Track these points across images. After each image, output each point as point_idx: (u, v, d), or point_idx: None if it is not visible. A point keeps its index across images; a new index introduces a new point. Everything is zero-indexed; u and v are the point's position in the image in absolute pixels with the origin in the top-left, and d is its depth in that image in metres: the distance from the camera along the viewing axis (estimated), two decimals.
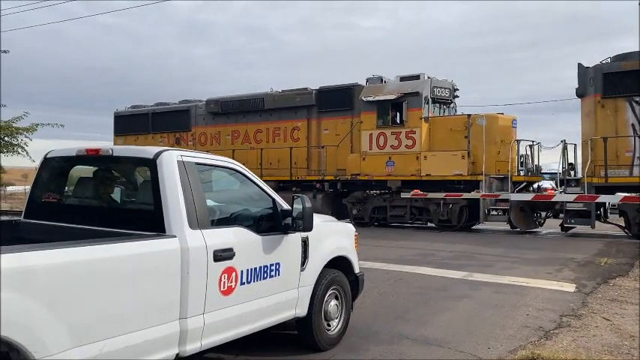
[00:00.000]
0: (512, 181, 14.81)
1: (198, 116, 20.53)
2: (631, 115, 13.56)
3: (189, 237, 3.38)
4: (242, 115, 19.40)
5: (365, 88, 16.87)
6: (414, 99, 15.79)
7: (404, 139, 16.00)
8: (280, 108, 18.46)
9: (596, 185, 13.75)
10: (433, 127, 15.98)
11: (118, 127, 22.60)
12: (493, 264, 9.49)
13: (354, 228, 5.49)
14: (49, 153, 4.38)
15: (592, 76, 14.12)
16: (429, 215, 15.99)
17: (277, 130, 18.67)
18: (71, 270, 2.76)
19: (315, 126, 18.06)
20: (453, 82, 16.93)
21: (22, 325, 2.50)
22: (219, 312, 3.57)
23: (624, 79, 13.63)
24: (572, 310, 6.22)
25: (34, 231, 4.08)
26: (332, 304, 4.79)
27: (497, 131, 15.27)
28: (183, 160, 3.63)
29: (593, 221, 13.58)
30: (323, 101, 17.67)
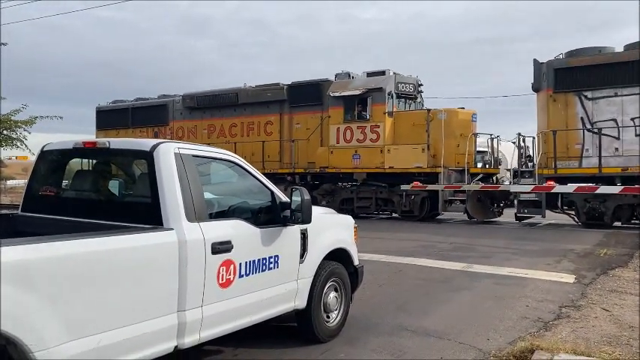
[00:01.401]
0: (470, 173, 15.37)
1: (176, 111, 21.03)
2: (580, 109, 14.10)
3: (186, 230, 3.37)
4: (217, 109, 19.89)
5: (333, 83, 17.35)
6: (378, 94, 16.31)
7: (369, 133, 16.58)
8: (254, 103, 18.97)
9: (546, 176, 14.25)
10: (397, 121, 16.54)
11: (100, 122, 23.22)
12: (493, 255, 9.50)
13: (353, 220, 5.48)
14: (45, 146, 4.36)
15: (545, 72, 14.59)
16: (393, 206, 16.62)
17: (251, 124, 19.19)
18: (68, 263, 2.75)
19: (287, 120, 18.57)
20: (417, 78, 17.50)
21: (19, 318, 2.48)
22: (217, 304, 3.56)
23: (574, 74, 14.18)
24: (571, 301, 6.23)
25: (32, 224, 4.07)
26: (331, 296, 4.78)
27: (456, 125, 15.80)
28: (181, 153, 3.61)
29: (543, 211, 14.18)
30: (294, 96, 18.16)
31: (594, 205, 13.66)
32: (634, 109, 13.46)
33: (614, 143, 13.75)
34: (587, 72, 14.01)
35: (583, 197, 13.81)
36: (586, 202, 13.81)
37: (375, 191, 16.75)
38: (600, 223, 13.59)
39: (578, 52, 14.51)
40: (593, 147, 13.79)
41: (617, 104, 13.71)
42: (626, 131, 13.57)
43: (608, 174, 13.63)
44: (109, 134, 20.87)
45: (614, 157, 13.68)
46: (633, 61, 13.40)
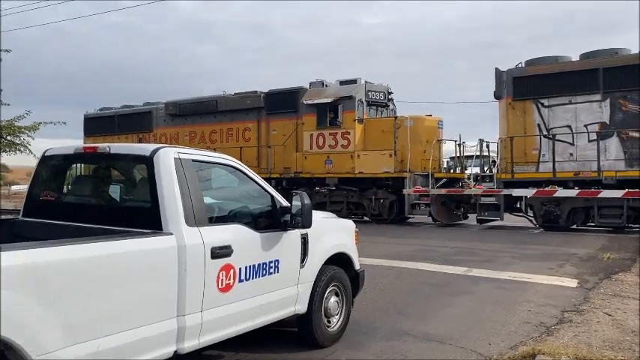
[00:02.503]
0: (434, 177, 16.01)
1: (159, 118, 21.69)
2: (537, 115, 14.70)
3: (186, 234, 3.37)
4: (199, 116, 20.51)
5: (307, 91, 17.95)
6: (349, 102, 16.90)
7: (340, 140, 17.22)
8: (233, 110, 19.61)
9: (504, 181, 14.91)
10: (368, 127, 17.10)
11: (88, 129, 23.83)
12: (494, 259, 9.47)
13: (354, 224, 5.47)
14: (47, 151, 4.37)
15: (505, 80, 15.17)
16: (364, 210, 17.12)
17: (230, 130, 19.82)
18: (68, 268, 2.75)
19: (265, 127, 19.16)
20: (387, 86, 18.08)
21: (18, 323, 2.49)
22: (217, 309, 3.56)
23: (531, 82, 14.79)
24: (573, 305, 6.20)
25: (32, 229, 4.08)
26: (332, 300, 4.77)
27: (423, 132, 16.44)
28: (180, 157, 3.61)
29: (501, 214, 14.88)
30: (271, 104, 18.77)
31: (550, 208, 14.17)
32: (587, 115, 14.02)
33: (569, 149, 14.30)
34: (544, 80, 14.58)
35: (540, 201, 14.31)
36: (542, 205, 14.31)
37: (346, 195, 17.24)
38: (556, 225, 14.08)
39: (536, 61, 15.02)
40: (550, 152, 14.32)
41: (572, 111, 14.27)
42: (579, 137, 14.11)
43: (562, 178, 14.15)
44: (96, 140, 21.28)
45: (568, 162, 14.24)
46: (586, 70, 14.01)
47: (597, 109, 13.96)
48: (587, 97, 14.03)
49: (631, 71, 13.43)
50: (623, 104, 13.65)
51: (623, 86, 13.61)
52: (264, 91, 19.11)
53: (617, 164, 13.64)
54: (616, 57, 13.93)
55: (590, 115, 13.99)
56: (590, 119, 13.98)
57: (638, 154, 13.38)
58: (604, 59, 13.93)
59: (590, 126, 13.98)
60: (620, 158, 13.64)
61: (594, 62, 14.03)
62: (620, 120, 13.69)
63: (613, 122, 13.77)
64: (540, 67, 14.74)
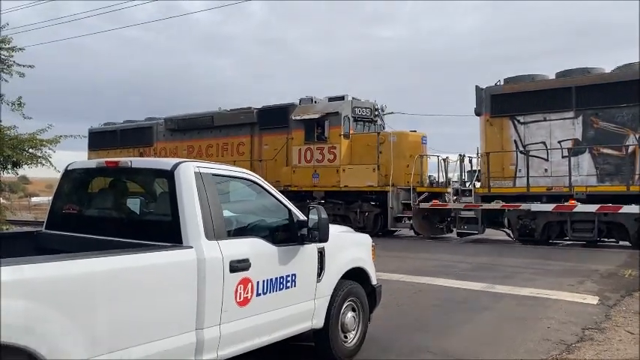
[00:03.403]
0: (417, 191, 16.44)
1: (159, 132, 22.40)
2: (514, 132, 15.18)
3: (205, 248, 3.40)
4: (196, 131, 21.24)
5: (297, 107, 18.47)
6: (335, 118, 17.41)
7: (326, 154, 17.72)
8: (228, 125, 20.25)
9: (482, 195, 15.42)
10: (354, 142, 17.59)
11: (92, 143, 24.28)
12: (514, 275, 9.35)
13: (371, 239, 5.46)
14: (69, 165, 4.47)
15: (484, 97, 15.63)
16: (350, 222, 17.14)
17: (225, 145, 20.50)
18: (90, 281, 2.80)
19: (257, 141, 19.79)
20: (374, 102, 18.54)
21: (42, 335, 2.53)
22: (235, 323, 3.57)
23: (508, 100, 15.25)
24: (595, 323, 6.09)
25: (55, 241, 4.15)
26: (349, 315, 4.75)
27: (406, 147, 16.90)
28: (200, 172, 3.66)
29: (479, 227, 15.32)
30: (263, 119, 19.39)
31: (525, 222, 14.52)
32: (561, 132, 14.47)
33: (544, 164, 14.73)
34: (520, 98, 15.04)
35: (516, 214, 14.71)
36: (519, 219, 14.68)
37: (332, 208, 17.37)
38: (532, 239, 14.46)
39: (514, 80, 15.47)
40: (525, 168, 14.71)
41: (546, 128, 14.71)
42: (554, 153, 14.55)
43: (535, 193, 14.56)
44: (99, 154, 21.88)
45: (543, 177, 14.68)
46: (560, 88, 14.48)
47: (570, 126, 14.38)
48: (561, 114, 14.49)
49: (602, 89, 13.90)
50: (594, 121, 14.10)
51: (595, 104, 14.03)
52: (257, 107, 19.75)
53: (589, 179, 14.05)
54: (588, 75, 14.37)
55: (564, 132, 14.44)
56: (564, 136, 14.43)
57: (609, 169, 13.81)
58: (577, 78, 14.38)
59: (563, 142, 14.43)
60: (592, 174, 14.06)
61: (568, 81, 14.47)
62: (592, 137, 14.12)
63: (585, 139, 14.19)
64: (517, 86, 15.24)
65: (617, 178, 13.69)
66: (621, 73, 13.99)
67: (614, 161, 13.82)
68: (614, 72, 14.25)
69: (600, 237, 13.78)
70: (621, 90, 13.64)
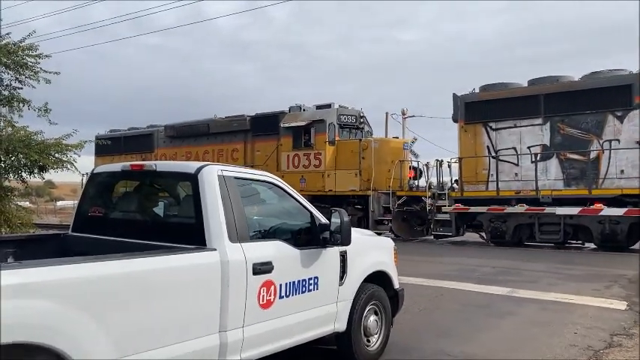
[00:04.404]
0: (397, 195, 17.17)
1: (160, 139, 23.28)
2: (486, 138, 15.84)
3: (229, 250, 3.42)
4: (193, 138, 22.02)
5: (286, 115, 19.25)
6: (321, 125, 18.20)
7: (313, 160, 18.44)
8: (222, 132, 21.03)
9: (455, 199, 16.00)
10: (339, 149, 18.26)
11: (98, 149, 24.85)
12: (537, 280, 9.20)
13: (394, 242, 5.43)
14: (95, 169, 4.54)
15: (459, 105, 16.30)
16: None
17: (221, 151, 21.20)
18: (116, 282, 2.83)
19: (250, 148, 20.47)
20: (360, 110, 19.13)
21: (69, 335, 2.57)
22: (258, 325, 3.58)
23: (481, 107, 15.89)
24: (623, 328, 5.95)
25: (81, 244, 4.22)
26: (371, 319, 4.73)
27: (388, 153, 17.59)
28: (224, 175, 3.69)
29: (453, 230, 15.94)
30: (256, 126, 20.11)
31: (497, 225, 15.20)
32: (530, 138, 15.09)
33: (514, 169, 15.34)
34: (492, 105, 15.64)
35: (488, 217, 15.36)
36: (490, 222, 15.36)
37: None
38: (503, 241, 15.10)
39: (488, 87, 16.09)
40: (497, 172, 15.41)
41: (517, 134, 15.35)
42: (523, 158, 15.13)
43: (504, 197, 15.16)
44: (105, 160, 22.19)
45: (514, 182, 15.26)
46: (529, 96, 15.10)
47: (539, 132, 14.99)
48: (530, 120, 15.10)
49: (569, 97, 14.49)
50: (561, 127, 14.72)
51: (562, 111, 14.63)
52: (250, 115, 20.52)
53: (556, 184, 14.66)
54: (556, 84, 14.92)
55: (533, 138, 15.05)
56: (533, 141, 15.03)
57: (574, 174, 14.44)
58: (545, 86, 14.98)
59: (532, 148, 15.03)
60: (560, 178, 14.67)
61: (537, 89, 15.07)
62: (559, 142, 14.71)
63: (553, 144, 14.77)
64: (490, 93, 15.86)
65: (583, 182, 14.25)
66: (587, 82, 14.55)
67: (579, 166, 14.42)
68: (580, 80, 14.78)
69: (567, 239, 14.40)
70: (586, 98, 14.24)
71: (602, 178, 14.08)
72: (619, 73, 14.32)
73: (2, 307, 2.30)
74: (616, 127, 13.97)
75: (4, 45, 10.23)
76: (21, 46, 10.38)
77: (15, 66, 10.27)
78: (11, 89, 10.52)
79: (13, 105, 10.44)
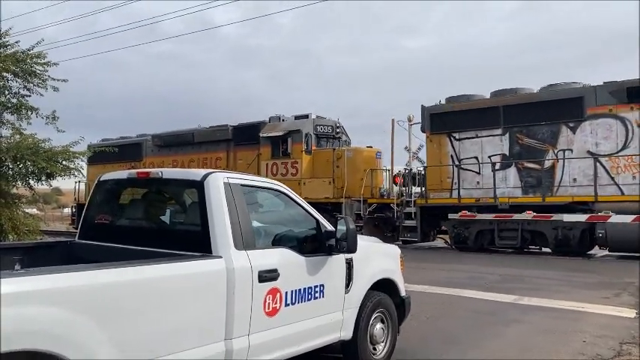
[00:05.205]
0: (368, 202, 17.81)
1: (148, 148, 23.94)
2: (450, 148, 16.61)
3: (234, 258, 3.42)
4: (179, 147, 22.75)
5: (266, 125, 19.91)
6: (297, 135, 18.88)
7: (290, 168, 19.07)
8: (207, 141, 21.70)
9: (421, 206, 16.71)
10: (315, 158, 18.95)
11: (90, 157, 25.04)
12: (545, 287, 9.13)
13: (400, 250, 5.41)
14: (101, 176, 4.56)
15: (426, 115, 17.11)
16: None
17: (205, 159, 21.74)
18: (122, 290, 2.83)
19: (233, 157, 21.12)
20: (336, 121, 19.91)
21: (74, 342, 2.57)
22: (264, 333, 3.57)
23: (445, 118, 16.68)
24: (632, 337, 5.89)
25: (88, 251, 4.23)
26: (377, 327, 4.71)
27: (361, 161, 18.23)
28: (230, 182, 3.69)
29: (418, 235, 16.64)
30: (238, 136, 20.82)
31: (460, 231, 15.87)
32: (491, 148, 15.85)
33: (476, 177, 16.09)
34: (456, 116, 16.44)
35: (452, 224, 16.02)
36: (454, 228, 16.00)
37: None
38: (466, 246, 15.74)
39: (453, 99, 16.82)
40: (460, 180, 16.14)
41: (478, 144, 16.09)
42: (484, 167, 15.85)
43: (465, 204, 15.86)
44: (97, 169, 22.36)
45: (475, 189, 16.00)
46: (490, 108, 15.82)
47: (499, 142, 15.76)
48: (491, 131, 15.85)
49: (526, 108, 15.22)
50: (519, 138, 15.46)
51: (520, 122, 15.40)
52: (232, 125, 21.19)
53: (515, 191, 15.37)
54: (515, 96, 15.67)
55: (493, 148, 15.83)
56: (493, 151, 15.81)
57: (531, 182, 15.15)
58: (505, 98, 15.72)
59: (493, 157, 15.78)
60: (518, 186, 15.39)
61: (497, 100, 15.80)
62: (518, 152, 15.47)
63: (512, 154, 15.54)
64: (453, 105, 16.62)
65: (539, 190, 14.92)
66: (543, 94, 15.30)
67: (536, 174, 15.09)
68: (537, 93, 15.52)
69: (525, 244, 15.02)
70: (542, 109, 14.96)
71: (556, 186, 14.82)
72: (573, 86, 14.96)
73: (9, 315, 2.31)
74: (569, 137, 14.73)
75: (13, 53, 10.32)
76: (29, 54, 10.47)
77: (23, 74, 10.35)
78: (19, 97, 10.60)
79: (22, 112, 10.51)
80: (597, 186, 13.98)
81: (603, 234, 13.38)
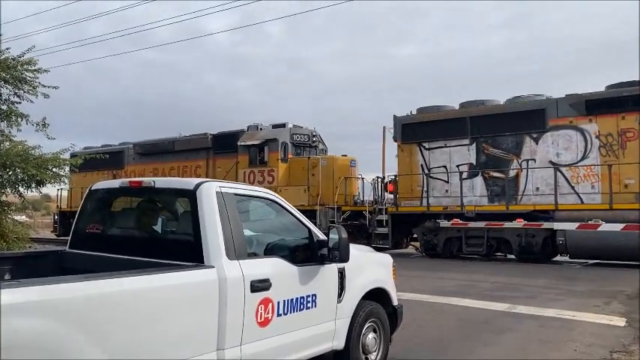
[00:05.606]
0: (342, 210, 18.19)
1: (130, 156, 24.13)
2: (420, 157, 17.05)
3: (227, 267, 3.40)
4: (160, 155, 22.98)
5: (244, 134, 20.21)
6: (274, 144, 19.24)
7: (266, 176, 19.37)
8: (187, 150, 22.01)
9: (392, 213, 17.11)
10: (291, 166, 19.29)
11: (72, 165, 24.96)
12: (537, 296, 9.17)
13: (392, 259, 5.41)
14: (93, 185, 4.53)
15: (397, 126, 17.47)
16: None
17: (185, 167, 22.09)
18: (113, 301, 2.81)
19: (212, 165, 21.39)
20: (313, 130, 20.28)
21: (65, 354, 2.54)
22: (256, 343, 3.55)
23: (416, 128, 17.10)
24: (622, 345, 5.92)
25: (79, 261, 4.19)
26: (370, 336, 4.70)
27: (336, 170, 18.60)
28: (222, 191, 3.68)
29: (389, 242, 16.99)
30: (217, 144, 21.15)
31: (429, 238, 16.27)
32: (459, 157, 16.27)
33: (445, 186, 16.47)
34: (426, 127, 16.86)
35: (422, 231, 16.48)
36: (424, 235, 16.45)
37: None
38: (435, 253, 16.12)
39: (423, 110, 17.28)
40: (429, 189, 16.57)
41: (447, 153, 16.53)
42: (453, 176, 16.27)
43: (434, 212, 16.30)
44: (79, 176, 22.38)
45: (444, 197, 16.40)
46: (458, 118, 16.27)
47: (466, 152, 16.18)
48: (459, 141, 16.28)
49: (492, 119, 15.67)
50: (485, 148, 15.91)
51: (486, 132, 15.82)
52: (212, 133, 21.50)
53: (481, 200, 15.83)
54: (481, 107, 16.16)
55: (461, 157, 16.23)
56: (461, 160, 16.21)
57: (497, 191, 15.60)
58: (472, 109, 16.22)
59: (461, 166, 16.17)
60: (484, 195, 15.84)
61: (464, 111, 16.31)
62: (484, 161, 15.93)
63: (478, 163, 15.98)
64: (424, 115, 17.10)
65: (504, 198, 15.31)
66: (508, 106, 15.79)
67: (501, 183, 15.54)
68: (503, 104, 15.98)
69: (491, 251, 15.39)
70: (507, 120, 15.43)
71: (520, 194, 15.29)
72: (536, 98, 15.41)
73: None
74: (532, 147, 15.18)
75: (4, 60, 10.27)
76: (20, 60, 10.43)
77: (14, 80, 10.30)
78: (9, 104, 10.54)
79: (12, 119, 10.45)
80: (558, 195, 14.42)
81: (563, 241, 13.83)
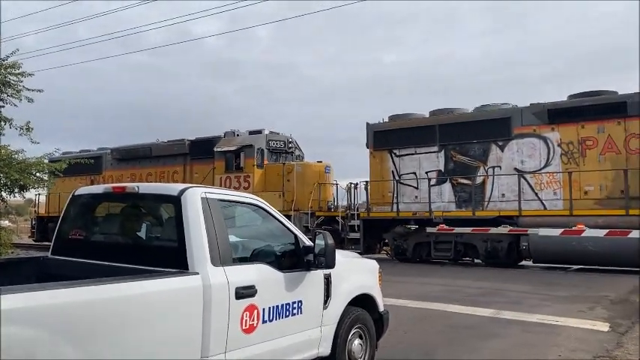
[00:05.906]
0: (316, 215, 18.36)
1: (107, 162, 24.02)
2: (391, 163, 17.38)
3: (211, 274, 3.38)
4: (137, 160, 22.98)
5: (221, 140, 20.35)
6: (249, 150, 19.39)
7: (242, 182, 19.40)
8: (164, 155, 22.06)
9: (364, 219, 17.30)
10: (268, 172, 19.51)
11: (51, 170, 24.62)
12: (522, 301, 9.22)
13: (378, 265, 5.42)
14: (76, 190, 4.48)
15: (369, 133, 17.82)
16: None
17: (163, 173, 22.11)
18: (96, 308, 2.78)
19: (189, 170, 21.49)
20: (289, 136, 20.50)
21: None
22: (241, 350, 3.53)
23: (387, 135, 17.46)
24: (606, 350, 5.98)
25: (61, 267, 4.14)
26: (356, 343, 4.68)
27: (311, 176, 18.85)
28: (207, 197, 3.66)
29: (361, 247, 16.96)
30: (194, 150, 21.20)
31: (399, 243, 16.63)
32: (428, 164, 16.71)
33: (415, 192, 16.87)
34: (396, 134, 17.23)
35: (392, 236, 16.80)
36: (394, 240, 16.77)
37: None
38: (405, 257, 16.45)
39: (394, 117, 17.65)
40: (399, 195, 16.93)
41: (416, 160, 16.93)
42: (422, 182, 16.63)
43: (403, 217, 16.78)
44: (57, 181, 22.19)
45: (414, 203, 16.77)
46: (427, 126, 16.75)
47: (435, 159, 16.62)
48: (428, 148, 16.71)
49: (459, 127, 16.09)
50: (454, 155, 16.31)
51: (454, 140, 16.25)
52: (189, 139, 21.59)
53: (449, 206, 16.21)
54: (450, 115, 16.61)
55: (430, 164, 16.66)
56: (430, 167, 16.63)
57: (464, 197, 15.99)
58: (441, 117, 16.69)
59: (429, 173, 16.57)
60: (452, 201, 16.26)
61: (434, 119, 16.78)
62: (452, 168, 16.33)
63: (447, 170, 16.39)
64: (395, 123, 17.47)
65: (471, 204, 15.63)
66: (475, 114, 16.20)
67: (468, 190, 15.86)
68: (470, 112, 16.39)
69: (458, 256, 15.69)
70: (474, 128, 15.81)
71: (486, 201, 15.69)
72: (503, 106, 15.85)
73: None
74: (498, 155, 15.61)
75: None
76: (3, 64, 10.31)
77: None
78: None
79: None
80: (522, 201, 14.78)
81: (526, 246, 14.12)
